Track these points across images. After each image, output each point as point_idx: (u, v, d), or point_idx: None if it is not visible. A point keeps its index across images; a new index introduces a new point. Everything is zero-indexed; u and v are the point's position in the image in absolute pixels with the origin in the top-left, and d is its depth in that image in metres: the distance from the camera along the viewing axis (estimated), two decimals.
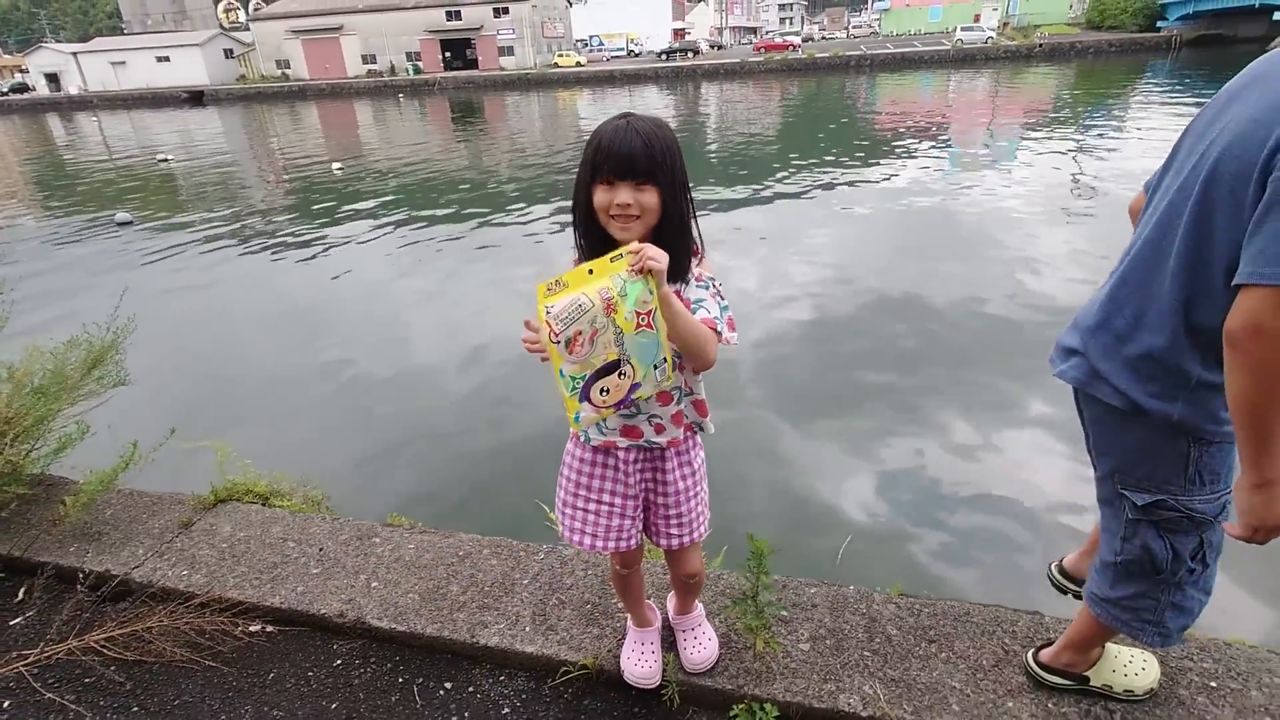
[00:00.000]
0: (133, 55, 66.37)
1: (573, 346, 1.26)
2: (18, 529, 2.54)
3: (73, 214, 13.65)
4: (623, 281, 1.24)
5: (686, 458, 1.64)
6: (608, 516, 1.64)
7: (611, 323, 1.25)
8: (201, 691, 1.98)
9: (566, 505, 1.68)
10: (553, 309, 1.24)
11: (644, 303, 1.25)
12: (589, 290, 1.24)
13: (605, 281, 1.24)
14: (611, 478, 1.63)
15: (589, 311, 1.24)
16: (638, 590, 1.88)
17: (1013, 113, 21.48)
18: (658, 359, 1.31)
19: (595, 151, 1.36)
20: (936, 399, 4.88)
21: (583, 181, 1.40)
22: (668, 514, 1.67)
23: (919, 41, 53.28)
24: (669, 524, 1.68)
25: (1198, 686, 1.78)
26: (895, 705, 1.77)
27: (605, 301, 1.23)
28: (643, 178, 1.35)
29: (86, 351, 2.73)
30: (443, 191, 14.10)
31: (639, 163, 1.33)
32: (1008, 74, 35.63)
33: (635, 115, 1.40)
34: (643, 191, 1.35)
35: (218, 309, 7.73)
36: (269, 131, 30.72)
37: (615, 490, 1.63)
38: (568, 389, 1.30)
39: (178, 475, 2.85)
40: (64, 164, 22.61)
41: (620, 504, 1.63)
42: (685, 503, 1.66)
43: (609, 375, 1.29)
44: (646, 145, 1.33)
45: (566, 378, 1.29)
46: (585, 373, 1.29)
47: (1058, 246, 7.98)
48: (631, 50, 69.03)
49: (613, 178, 1.35)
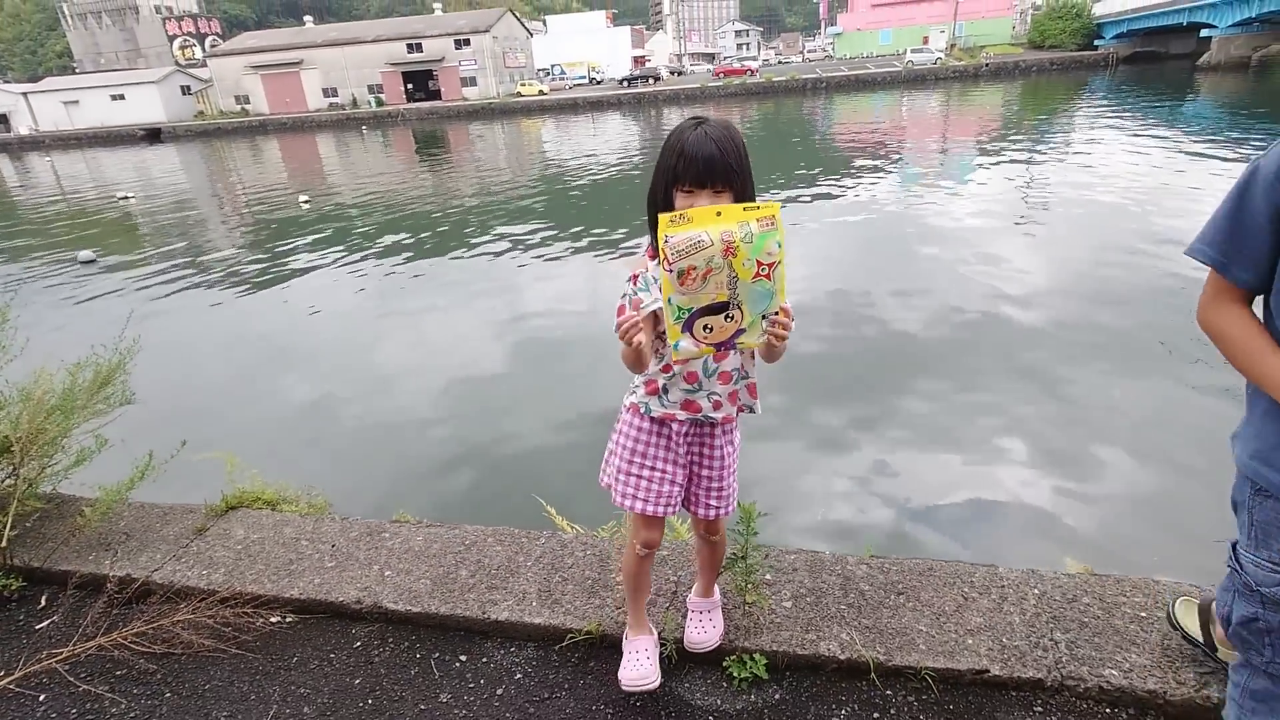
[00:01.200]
0: (86, 94, 65.52)
1: (685, 279, 1.30)
2: (35, 541, 2.64)
3: (35, 254, 13.49)
4: (750, 230, 1.29)
5: (731, 436, 1.78)
6: (660, 483, 1.75)
7: (728, 265, 1.30)
8: (230, 676, 2.12)
9: (621, 472, 1.77)
10: (671, 239, 1.28)
11: (769, 254, 1.30)
12: (711, 229, 1.28)
13: (730, 225, 1.29)
14: (665, 446, 1.74)
15: (706, 249, 1.28)
16: (646, 583, 1.95)
17: (964, 129, 22.45)
18: (770, 309, 1.36)
19: (677, 158, 1.45)
20: (891, 400, 5.18)
21: (660, 185, 1.51)
22: (710, 486, 1.79)
23: (872, 64, 55.15)
24: (709, 495, 1.80)
25: (1130, 616, 2.03)
26: (869, 648, 1.98)
27: (725, 244, 1.28)
28: (720, 184, 1.46)
29: (95, 372, 2.85)
30: (411, 220, 14.24)
31: (717, 171, 1.44)
32: (957, 93, 37.10)
33: (709, 121, 1.49)
34: (720, 198, 1.47)
35: (201, 336, 7.77)
36: (230, 167, 30.57)
37: (668, 459, 1.74)
38: (673, 316, 1.34)
39: (185, 487, 2.97)
40: (17, 205, 22.22)
41: (671, 471, 1.75)
42: (726, 477, 1.79)
43: (716, 315, 1.35)
44: (723, 153, 1.43)
45: (674, 306, 1.33)
46: (692, 306, 1.33)
47: (1011, 256, 8.43)
48: (593, 78, 70.09)
49: (693, 185, 1.46)
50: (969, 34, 60.98)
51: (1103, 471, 4.07)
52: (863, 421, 4.85)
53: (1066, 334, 5.99)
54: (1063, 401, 4.86)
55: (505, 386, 5.47)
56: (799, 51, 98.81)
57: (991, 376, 5.33)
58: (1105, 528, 3.63)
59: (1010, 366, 5.46)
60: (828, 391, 5.38)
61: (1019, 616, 2.05)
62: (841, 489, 4.07)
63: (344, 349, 7.08)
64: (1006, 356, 5.65)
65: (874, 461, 4.35)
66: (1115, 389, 5.00)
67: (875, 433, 4.68)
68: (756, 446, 4.65)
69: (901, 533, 3.62)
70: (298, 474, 3.44)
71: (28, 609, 2.43)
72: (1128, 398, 4.87)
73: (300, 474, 3.45)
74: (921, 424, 4.76)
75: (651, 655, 1.95)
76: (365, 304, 8.58)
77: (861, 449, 4.50)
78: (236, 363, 6.91)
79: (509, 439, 4.66)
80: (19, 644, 2.28)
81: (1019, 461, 4.23)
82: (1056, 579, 2.19)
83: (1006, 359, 5.60)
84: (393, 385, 5.88)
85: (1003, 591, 2.15)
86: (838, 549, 2.45)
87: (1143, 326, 5.97)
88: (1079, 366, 5.40)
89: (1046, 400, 4.91)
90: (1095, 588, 2.15)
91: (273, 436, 5.11)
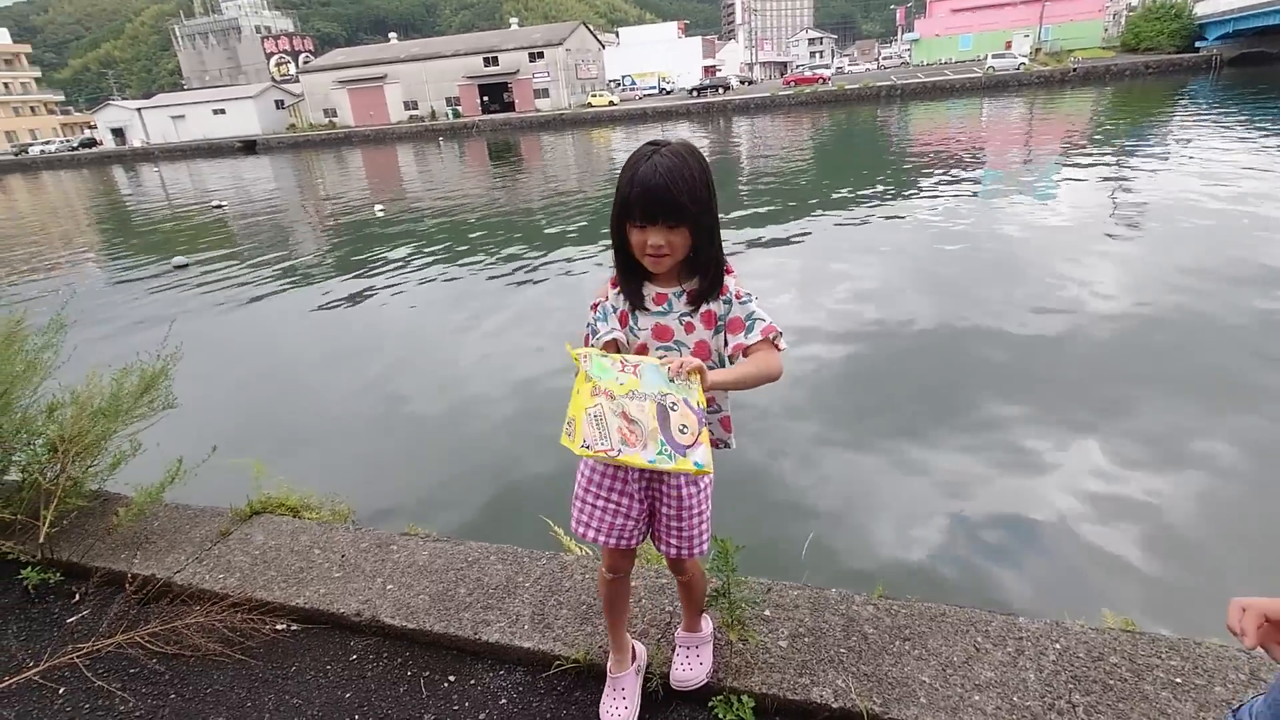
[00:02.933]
0: (191, 109, 70.50)
1: (630, 440, 1.36)
2: (76, 538, 2.80)
3: (137, 257, 14.53)
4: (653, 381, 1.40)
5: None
6: (613, 515, 1.70)
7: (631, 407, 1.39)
8: (231, 682, 2.18)
9: (577, 499, 1.73)
10: (588, 445, 1.35)
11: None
12: (594, 409, 1.37)
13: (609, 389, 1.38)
14: (620, 479, 1.68)
15: (610, 415, 1.37)
16: (622, 605, 1.88)
17: (1049, 138, 21.36)
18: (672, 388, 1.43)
19: (629, 189, 1.40)
20: (950, 424, 4.93)
21: (617, 215, 1.46)
22: (669, 525, 1.72)
23: (950, 70, 53.38)
24: (669, 533, 1.73)
25: (1163, 682, 1.84)
26: (865, 697, 1.87)
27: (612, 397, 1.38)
28: (674, 220, 1.40)
29: (139, 377, 3.02)
30: (479, 229, 14.62)
31: (670, 207, 1.38)
32: (1041, 99, 35.45)
33: (664, 148, 1.42)
34: (674, 232, 1.41)
35: (263, 342, 8.18)
36: (316, 176, 32.16)
37: (623, 491, 1.68)
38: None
39: (219, 490, 3.09)
40: (129, 212, 24.00)
41: (626, 505, 1.69)
42: (689, 518, 1.70)
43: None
44: (676, 187, 1.37)
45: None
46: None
47: (1088, 274, 7.88)
48: (663, 88, 70.52)
49: (645, 221, 1.41)
50: (1056, 38, 58.22)
51: (1160, 518, 3.75)
52: (899, 444, 4.64)
53: (1140, 361, 5.57)
54: (1125, 436, 4.51)
55: (541, 401, 5.50)
56: (874, 59, 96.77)
57: (1048, 400, 5.02)
58: (1156, 580, 3.33)
59: (1071, 392, 5.12)
60: (863, 411, 5.18)
61: (1034, 673, 1.89)
62: (865, 518, 3.90)
63: (393, 359, 7.28)
64: (1068, 380, 5.30)
65: (907, 489, 4.14)
66: (1190, 425, 4.61)
67: (912, 457, 4.47)
68: (777, 467, 4.52)
69: (921, 568, 3.42)
70: (328, 480, 3.54)
71: (62, 602, 2.58)
72: (1204, 438, 4.47)
73: (330, 480, 3.55)
74: (962, 449, 4.51)
75: (631, 696, 1.89)
76: (421, 315, 8.82)
77: (895, 475, 4.30)
78: (291, 368, 7.22)
79: (533, 457, 4.67)
80: (49, 636, 2.42)
81: (1067, 497, 3.94)
82: (1083, 633, 2.01)
83: (1067, 383, 5.26)
84: (433, 396, 6.01)
85: (1020, 644, 1.99)
86: (848, 585, 2.32)
87: (1233, 360, 5.45)
88: (1149, 397, 5.01)
89: (1106, 433, 4.57)
90: (1126, 646, 1.96)
91: (310, 442, 5.31)
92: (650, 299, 1.57)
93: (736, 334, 1.56)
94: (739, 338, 1.55)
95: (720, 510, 3.95)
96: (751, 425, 5.09)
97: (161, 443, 3.00)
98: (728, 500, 4.23)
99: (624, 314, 1.59)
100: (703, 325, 1.57)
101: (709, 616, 2.05)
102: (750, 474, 4.51)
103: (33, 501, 2.76)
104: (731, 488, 4.39)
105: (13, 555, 2.70)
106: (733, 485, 4.41)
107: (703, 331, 1.57)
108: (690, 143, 1.47)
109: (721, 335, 1.58)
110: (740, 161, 23.10)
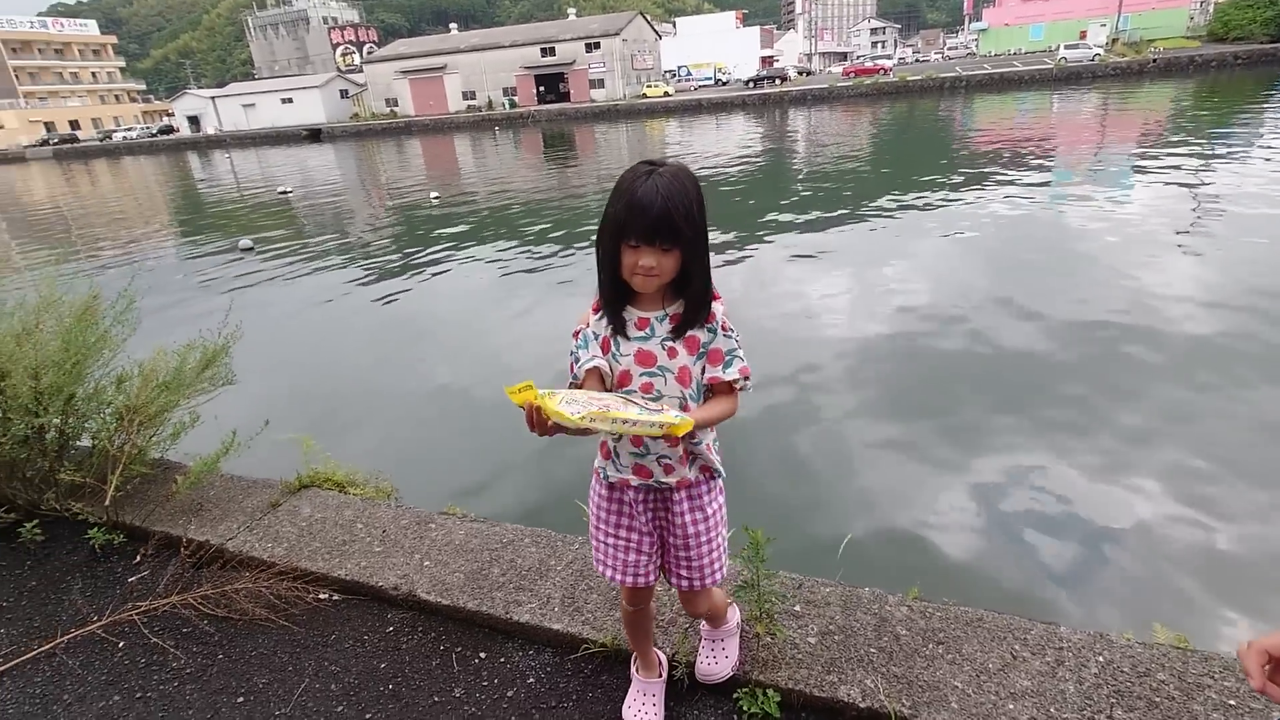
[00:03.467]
0: (261, 98, 73.10)
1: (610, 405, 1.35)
2: (138, 503, 2.96)
3: (207, 238, 15.19)
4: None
5: (699, 501, 1.65)
6: (624, 551, 1.68)
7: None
8: (274, 646, 2.27)
9: (593, 537, 1.75)
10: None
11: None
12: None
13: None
14: (627, 514, 1.67)
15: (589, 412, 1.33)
16: (646, 628, 1.89)
17: (1123, 132, 20.35)
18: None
19: (623, 211, 1.38)
20: (1008, 421, 4.77)
21: (608, 232, 1.44)
22: (678, 555, 1.69)
23: (1019, 61, 51.35)
24: (679, 564, 1.70)
25: (1214, 704, 1.76)
26: (894, 699, 1.83)
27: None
28: (669, 243, 1.38)
29: (201, 354, 3.16)
30: (531, 218, 14.77)
31: (664, 229, 1.36)
32: (1117, 92, 33.81)
33: (661, 169, 1.40)
34: (667, 255, 1.40)
35: (317, 322, 8.46)
36: (376, 164, 32.97)
37: (631, 526, 1.67)
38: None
39: (271, 462, 3.22)
40: (202, 197, 25.08)
41: (636, 540, 1.67)
42: (696, 546, 1.66)
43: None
44: (671, 210, 1.35)
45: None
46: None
47: (1172, 278, 7.41)
48: (719, 79, 69.85)
49: (639, 241, 1.39)
50: (1135, 26, 55.26)
51: (1229, 534, 3.55)
52: (949, 445, 4.51)
53: (1211, 372, 5.27)
54: (1195, 448, 4.29)
55: None
56: (938, 49, 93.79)
57: (1109, 405, 4.80)
58: (1218, 598, 3.15)
59: (1134, 397, 4.89)
60: (916, 409, 5.05)
61: (1074, 685, 1.83)
62: (907, 519, 3.80)
63: (442, 343, 7.43)
64: (1131, 386, 5.06)
65: (954, 491, 4.03)
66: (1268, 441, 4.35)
67: (962, 458, 4.34)
68: (820, 461, 4.45)
69: (961, 573, 3.31)
70: (374, 458, 3.65)
71: (124, 562, 2.73)
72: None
73: (375, 458, 3.66)
74: (1017, 452, 4.35)
75: (657, 700, 1.90)
76: (471, 301, 8.97)
77: (943, 475, 4.18)
78: (343, 349, 7.44)
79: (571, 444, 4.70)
80: (111, 593, 2.56)
81: (1123, 506, 3.77)
82: (1129, 647, 1.93)
83: (1130, 388, 5.02)
84: (478, 380, 6.10)
85: (1060, 654, 1.92)
86: (883, 585, 2.28)
87: None
88: (1220, 408, 4.75)
89: (1173, 442, 4.35)
90: (1176, 663, 1.88)
91: (358, 420, 5.48)
92: (632, 323, 1.53)
93: (715, 365, 1.52)
94: (716, 370, 1.52)
95: (757, 502, 3.92)
96: (796, 418, 5.03)
97: (219, 415, 3.14)
98: (765, 492, 4.21)
99: (605, 340, 1.55)
100: (685, 351, 1.52)
101: (736, 608, 2.04)
102: (791, 468, 4.46)
103: (101, 467, 2.93)
104: (770, 480, 4.35)
105: (82, 516, 2.87)
106: (771, 478, 4.37)
107: (685, 357, 1.52)
108: (685, 165, 1.44)
109: (702, 362, 1.54)
110: (794, 154, 22.73)
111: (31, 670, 2.25)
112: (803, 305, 7.62)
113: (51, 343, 2.94)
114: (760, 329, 6.92)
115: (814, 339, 6.61)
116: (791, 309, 7.53)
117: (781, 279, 8.76)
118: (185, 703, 2.08)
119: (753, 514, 2.42)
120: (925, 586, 2.27)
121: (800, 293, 8.05)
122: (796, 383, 5.61)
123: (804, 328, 6.94)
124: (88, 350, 3.03)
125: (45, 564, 2.77)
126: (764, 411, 5.13)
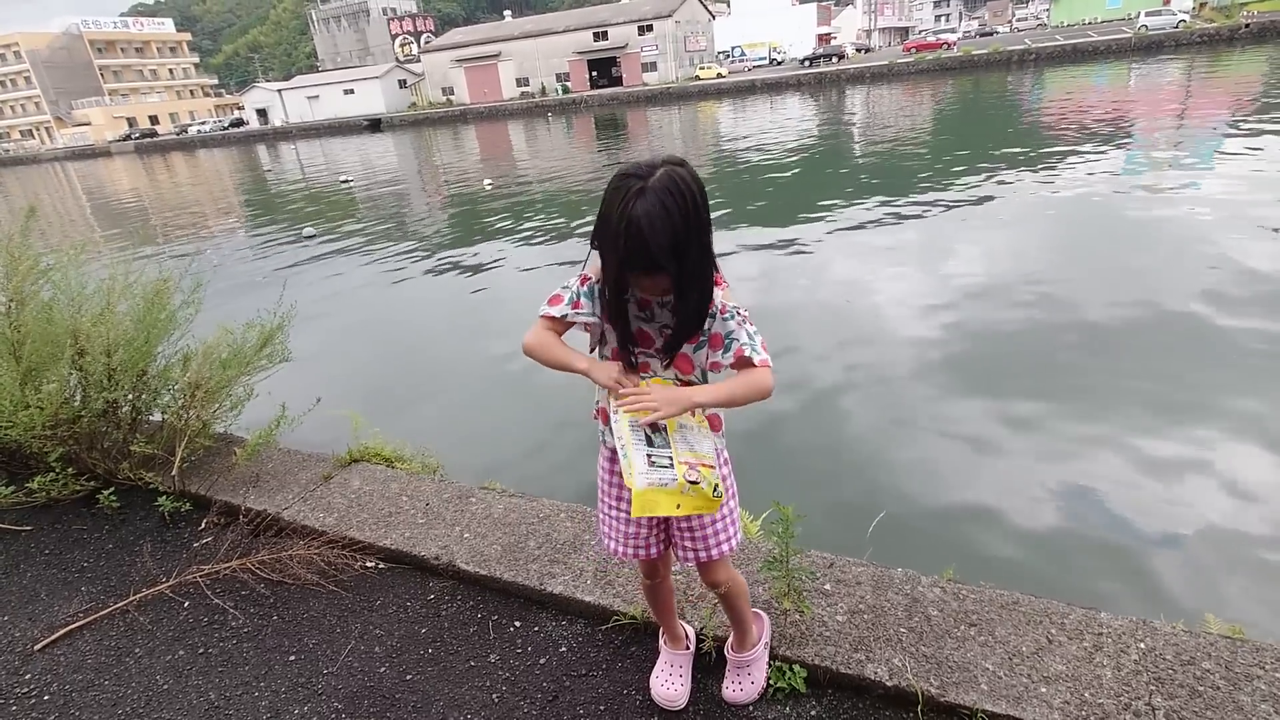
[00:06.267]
0: (324, 89, 75.31)
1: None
2: (202, 473, 3.15)
3: (276, 227, 15.83)
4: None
5: None
6: (625, 524, 1.67)
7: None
8: (324, 609, 2.39)
9: (599, 510, 1.75)
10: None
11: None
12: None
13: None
14: (619, 484, 1.65)
15: None
16: (666, 602, 1.88)
17: (1210, 105, 19.02)
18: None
19: (616, 237, 1.30)
20: (1059, 404, 4.60)
21: (608, 255, 1.36)
22: (681, 525, 1.66)
23: (1094, 31, 48.63)
24: (683, 536, 1.67)
25: (1263, 694, 1.69)
26: (922, 678, 1.82)
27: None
28: (652, 270, 1.34)
29: (259, 333, 3.32)
30: (582, 203, 14.86)
31: (645, 260, 1.31)
32: (1205, 61, 31.68)
33: (646, 185, 1.28)
34: (655, 277, 1.36)
35: (371, 304, 8.76)
36: (433, 153, 33.63)
37: (621, 495, 1.65)
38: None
39: (326, 437, 3.37)
40: (269, 186, 26.09)
41: (629, 509, 1.60)
42: (699, 517, 1.62)
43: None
44: (650, 242, 1.27)
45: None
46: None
47: (1254, 262, 6.94)
48: (774, 59, 68.42)
49: (630, 269, 1.35)
50: None
51: None
52: (1005, 420, 4.38)
53: None
54: (1259, 436, 4.05)
55: None
56: (1007, 21, 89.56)
57: (1164, 390, 4.56)
58: None
59: (1192, 384, 4.64)
60: (963, 387, 4.92)
61: (1112, 671, 1.78)
62: (944, 498, 3.72)
63: (490, 324, 7.58)
64: (1191, 372, 4.79)
65: (994, 471, 3.92)
66: None
67: (1007, 439, 4.21)
68: (855, 437, 4.38)
69: (1000, 556, 3.22)
70: (421, 435, 3.77)
71: (190, 528, 2.91)
72: None
73: (423, 435, 3.78)
74: (1064, 435, 4.20)
75: (685, 672, 1.92)
76: (521, 284, 9.10)
77: (985, 455, 4.07)
78: (395, 329, 7.72)
79: None
80: (178, 556, 2.74)
81: (1188, 495, 3.60)
82: (1173, 635, 1.87)
83: (1190, 375, 4.76)
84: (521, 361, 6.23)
85: (1098, 639, 1.87)
86: (918, 566, 2.25)
87: None
88: None
89: (1234, 429, 4.11)
90: (1224, 652, 1.81)
91: (407, 398, 5.71)
92: (635, 303, 1.51)
93: (715, 350, 1.50)
94: (715, 355, 1.50)
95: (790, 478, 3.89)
96: (835, 393, 4.98)
97: (274, 391, 3.30)
98: (798, 468, 4.19)
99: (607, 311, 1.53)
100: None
101: (765, 622, 1.97)
102: (825, 443, 4.43)
103: (169, 439, 3.12)
104: (804, 456, 4.32)
105: (153, 485, 3.07)
106: (806, 454, 4.34)
107: (685, 345, 1.51)
108: (678, 171, 1.30)
109: (704, 350, 1.52)
110: (851, 135, 22.15)
111: (108, 625, 2.43)
112: (848, 283, 7.50)
113: (125, 322, 3.14)
114: (801, 303, 6.85)
115: (856, 316, 6.53)
116: (836, 286, 7.43)
117: (829, 258, 8.61)
118: (242, 659, 2.22)
119: (785, 491, 2.42)
120: (962, 569, 2.23)
121: (848, 271, 7.91)
122: (838, 361, 5.55)
123: (848, 306, 6.82)
124: (158, 329, 3.23)
125: (121, 529, 2.97)
126: (802, 388, 5.10)
